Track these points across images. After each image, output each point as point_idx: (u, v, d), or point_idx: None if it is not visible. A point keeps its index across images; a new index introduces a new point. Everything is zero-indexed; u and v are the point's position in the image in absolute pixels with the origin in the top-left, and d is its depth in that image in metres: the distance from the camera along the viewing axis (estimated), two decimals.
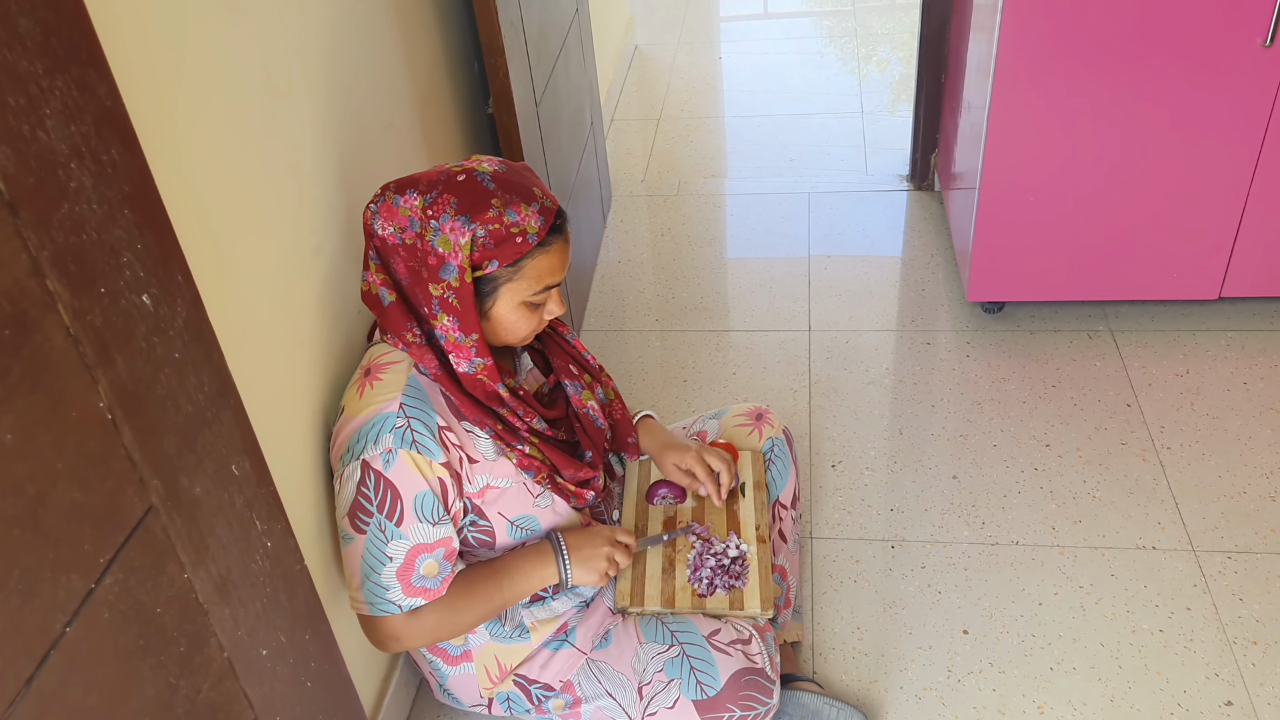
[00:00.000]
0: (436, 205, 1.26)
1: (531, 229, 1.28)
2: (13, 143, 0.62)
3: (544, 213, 1.29)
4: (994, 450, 2.17)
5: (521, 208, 1.27)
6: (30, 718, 0.65)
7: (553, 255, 1.32)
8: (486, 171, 1.29)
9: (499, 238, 1.26)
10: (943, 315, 2.57)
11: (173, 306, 0.78)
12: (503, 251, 1.27)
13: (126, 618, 0.74)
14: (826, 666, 1.77)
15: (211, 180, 1.15)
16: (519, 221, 1.27)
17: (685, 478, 1.61)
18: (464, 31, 2.06)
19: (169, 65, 1.07)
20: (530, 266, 1.31)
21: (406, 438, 1.29)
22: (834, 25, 4.56)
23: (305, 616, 1.00)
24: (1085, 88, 2.07)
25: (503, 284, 1.31)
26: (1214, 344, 2.38)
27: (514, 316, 1.34)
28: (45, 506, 0.66)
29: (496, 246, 1.27)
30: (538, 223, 1.28)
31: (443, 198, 1.26)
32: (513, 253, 1.28)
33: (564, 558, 1.44)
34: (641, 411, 1.66)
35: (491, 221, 1.26)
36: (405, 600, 1.34)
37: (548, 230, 1.30)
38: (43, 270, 0.65)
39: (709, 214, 3.13)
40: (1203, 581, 1.85)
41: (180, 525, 0.79)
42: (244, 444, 0.88)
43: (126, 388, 0.73)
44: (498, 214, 1.26)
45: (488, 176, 1.28)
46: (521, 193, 1.28)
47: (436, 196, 1.26)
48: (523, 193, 1.28)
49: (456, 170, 1.30)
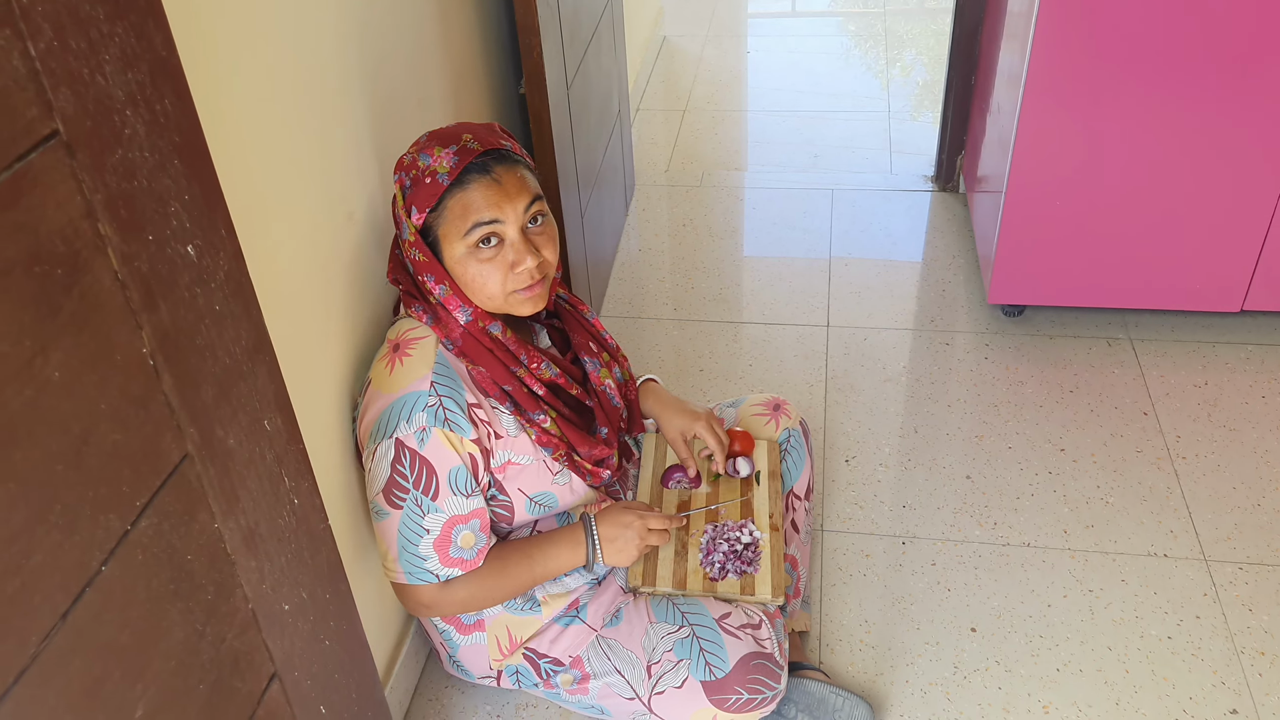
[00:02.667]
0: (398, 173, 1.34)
1: (442, 169, 1.30)
2: (72, 85, 0.63)
3: (461, 153, 1.30)
4: (1009, 452, 2.17)
5: (436, 150, 1.31)
6: (65, 652, 0.67)
7: (472, 191, 1.30)
8: (439, 129, 1.35)
9: (416, 182, 1.31)
10: (962, 316, 2.57)
11: (215, 259, 0.79)
12: (418, 194, 1.31)
13: (159, 561, 0.75)
14: (833, 657, 1.78)
15: (250, 139, 1.16)
16: (431, 164, 1.30)
17: (684, 448, 1.61)
18: (500, 10, 2.06)
19: (212, 28, 1.08)
20: (452, 205, 1.30)
21: (439, 415, 1.30)
22: (861, 26, 4.55)
23: (327, 575, 1.02)
24: (1115, 97, 2.07)
25: (439, 231, 1.32)
26: (1234, 356, 2.38)
27: (471, 268, 1.33)
28: (88, 445, 0.67)
29: (414, 190, 1.31)
30: (450, 162, 1.29)
31: (400, 163, 1.33)
32: (427, 195, 1.30)
33: (595, 545, 1.46)
34: (645, 376, 1.67)
35: (410, 169, 1.31)
36: (443, 570, 1.36)
37: (462, 169, 1.29)
38: (95, 213, 0.66)
39: (731, 206, 3.14)
40: (1213, 591, 1.85)
41: (213, 475, 0.81)
42: (276, 400, 0.89)
43: (169, 335, 0.74)
44: (413, 160, 1.32)
45: (434, 132, 1.34)
46: (446, 139, 1.32)
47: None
48: (447, 139, 1.32)
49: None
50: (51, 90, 0.61)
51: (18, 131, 0.59)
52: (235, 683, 0.88)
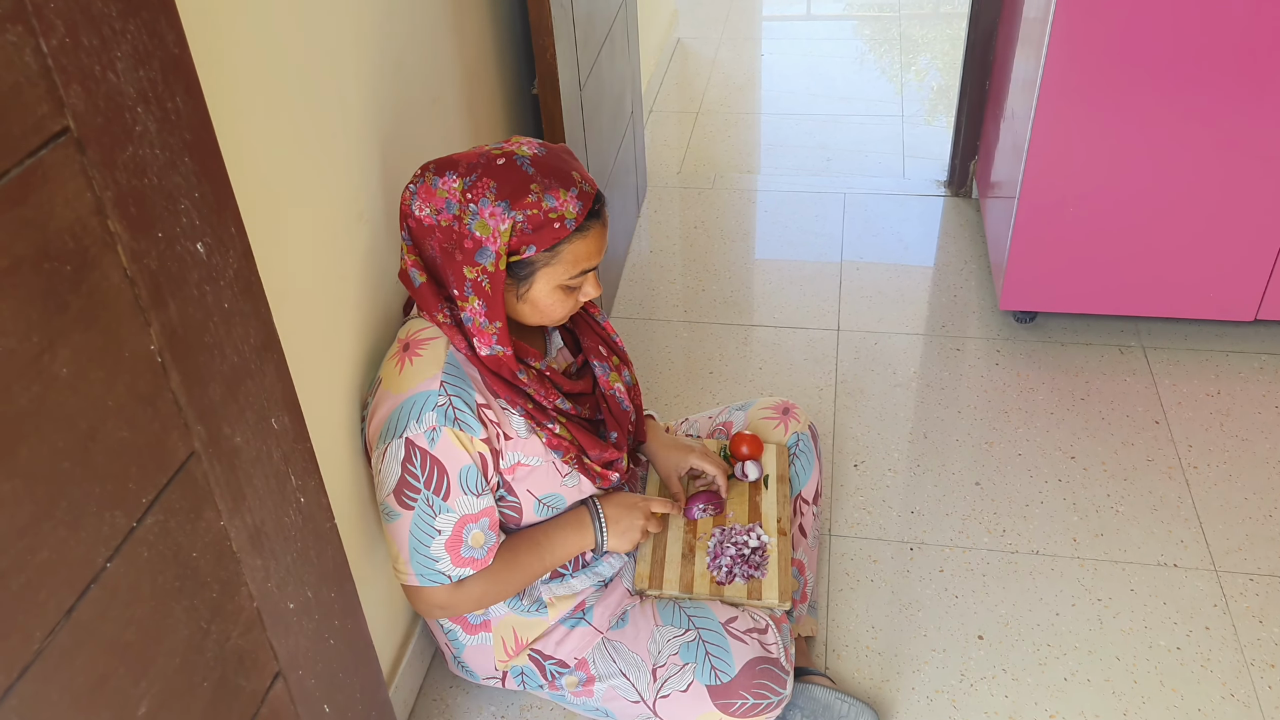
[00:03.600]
0: (476, 189, 1.26)
1: (570, 214, 1.28)
2: (84, 82, 0.63)
3: (582, 197, 1.29)
4: (1018, 459, 2.16)
5: (560, 193, 1.28)
6: (69, 648, 0.67)
7: (590, 240, 1.32)
8: (526, 155, 1.29)
9: (537, 223, 1.27)
10: (974, 322, 2.56)
11: (225, 257, 0.79)
12: (540, 237, 1.28)
13: (164, 558, 0.75)
14: (839, 663, 1.77)
15: (260, 137, 1.16)
16: (557, 207, 1.27)
17: (676, 484, 1.63)
18: (514, 11, 2.07)
19: (226, 24, 1.08)
20: (568, 251, 1.31)
21: (449, 415, 1.30)
22: (876, 30, 4.54)
23: (332, 574, 1.02)
24: (1130, 103, 2.06)
25: (540, 268, 1.31)
26: (1247, 366, 2.36)
27: (550, 299, 1.35)
28: (95, 442, 0.67)
29: (535, 232, 1.27)
30: (576, 208, 1.28)
31: (482, 181, 1.27)
32: (550, 238, 1.28)
33: (601, 526, 1.48)
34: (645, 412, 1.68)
35: (531, 207, 1.26)
36: (455, 570, 1.36)
37: (585, 215, 1.30)
38: (105, 210, 0.66)
39: (743, 209, 3.13)
40: (1223, 602, 1.83)
41: (220, 473, 0.81)
42: (284, 398, 0.89)
43: (177, 332, 0.74)
44: (537, 199, 1.26)
45: (527, 160, 1.28)
46: (561, 177, 1.29)
47: (476, 180, 1.27)
48: (562, 177, 1.29)
49: (496, 153, 1.29)
50: (63, 87, 0.61)
51: (28, 128, 0.59)
52: (239, 681, 0.88)
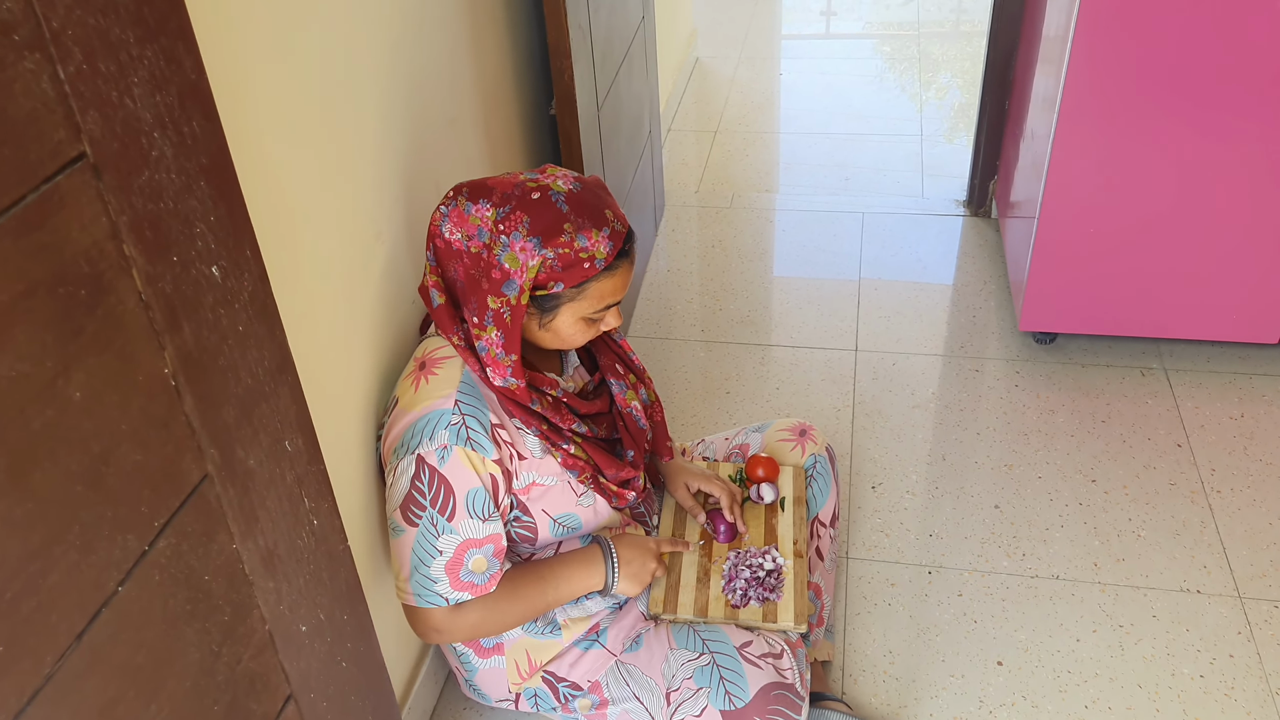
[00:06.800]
0: (509, 221, 1.27)
1: (600, 254, 1.29)
2: (101, 108, 0.63)
3: (614, 237, 1.30)
4: (1038, 482, 2.13)
5: (593, 233, 1.28)
6: (80, 672, 0.67)
7: (617, 278, 1.33)
8: (561, 191, 1.29)
9: (568, 262, 1.27)
10: (993, 343, 2.54)
11: (240, 280, 0.79)
12: (569, 275, 1.28)
13: (176, 581, 0.75)
14: (856, 688, 1.75)
15: (277, 159, 1.17)
16: (589, 247, 1.28)
17: (689, 498, 1.64)
18: (532, 32, 2.08)
19: (242, 49, 1.09)
20: (594, 288, 1.32)
21: (461, 434, 1.30)
22: (895, 49, 4.54)
23: (345, 597, 1.01)
24: (1151, 122, 2.04)
25: (565, 302, 1.32)
26: (1271, 389, 2.33)
27: (572, 330, 1.36)
28: (108, 465, 0.67)
29: (564, 270, 1.28)
30: (606, 248, 1.29)
31: (516, 214, 1.27)
32: (579, 276, 1.29)
33: (614, 567, 1.47)
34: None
35: (562, 246, 1.27)
36: (452, 594, 1.35)
37: (615, 255, 1.31)
38: (121, 234, 0.66)
39: (761, 228, 3.13)
40: (1247, 629, 1.80)
41: (233, 495, 0.81)
42: (298, 421, 0.89)
43: (191, 356, 0.74)
44: (569, 239, 1.27)
45: (562, 197, 1.28)
46: (594, 216, 1.29)
47: (510, 212, 1.27)
48: (595, 216, 1.29)
49: (532, 185, 1.29)
50: (80, 113, 0.62)
51: (45, 154, 0.60)
52: (250, 704, 0.87)
